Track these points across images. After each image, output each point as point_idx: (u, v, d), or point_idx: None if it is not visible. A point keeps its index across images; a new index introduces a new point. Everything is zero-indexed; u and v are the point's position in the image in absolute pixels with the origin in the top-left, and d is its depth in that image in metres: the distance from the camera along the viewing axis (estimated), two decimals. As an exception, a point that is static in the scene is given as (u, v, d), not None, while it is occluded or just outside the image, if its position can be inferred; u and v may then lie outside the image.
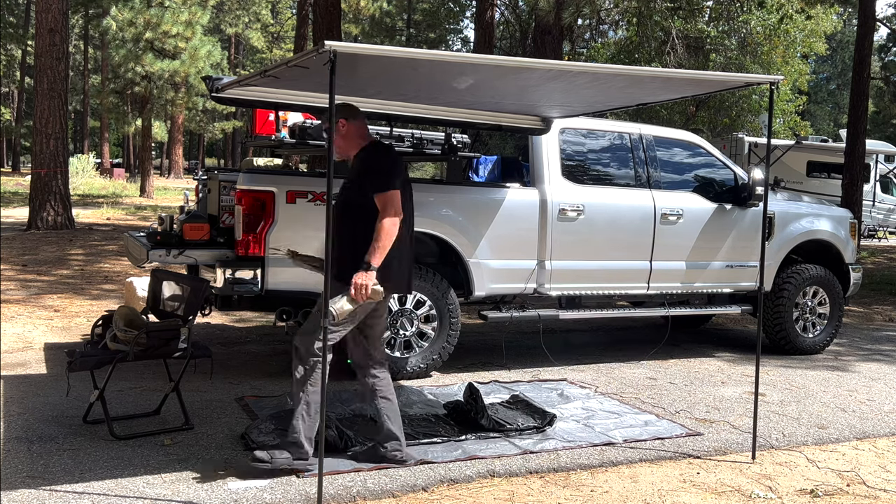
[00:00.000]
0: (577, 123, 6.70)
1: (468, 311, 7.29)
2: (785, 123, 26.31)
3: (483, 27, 18.63)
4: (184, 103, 29.96)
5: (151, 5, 26.50)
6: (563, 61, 7.31)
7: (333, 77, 3.48)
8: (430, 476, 4.15)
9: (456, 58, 4.41)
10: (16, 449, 4.28)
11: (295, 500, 3.80)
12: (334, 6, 13.92)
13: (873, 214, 22.60)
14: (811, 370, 7.06)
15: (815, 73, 54.69)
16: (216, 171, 6.36)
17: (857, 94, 15.73)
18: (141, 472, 4.03)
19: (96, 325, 4.78)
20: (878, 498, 4.20)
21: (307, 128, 6.10)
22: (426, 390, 5.77)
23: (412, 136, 6.45)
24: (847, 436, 5.24)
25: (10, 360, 6.23)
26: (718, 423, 5.32)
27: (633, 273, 6.78)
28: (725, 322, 9.54)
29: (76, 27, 46.08)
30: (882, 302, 11.95)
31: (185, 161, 49.22)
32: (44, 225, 15.06)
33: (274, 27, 57.21)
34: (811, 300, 7.72)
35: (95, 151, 49.21)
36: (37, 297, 8.88)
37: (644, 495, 4.08)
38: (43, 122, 15.12)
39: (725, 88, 6.18)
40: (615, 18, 22.97)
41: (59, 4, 15.17)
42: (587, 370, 6.69)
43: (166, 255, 5.37)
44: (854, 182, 15.33)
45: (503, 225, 6.23)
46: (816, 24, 24.63)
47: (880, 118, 43.24)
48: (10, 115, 54.53)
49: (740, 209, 7.20)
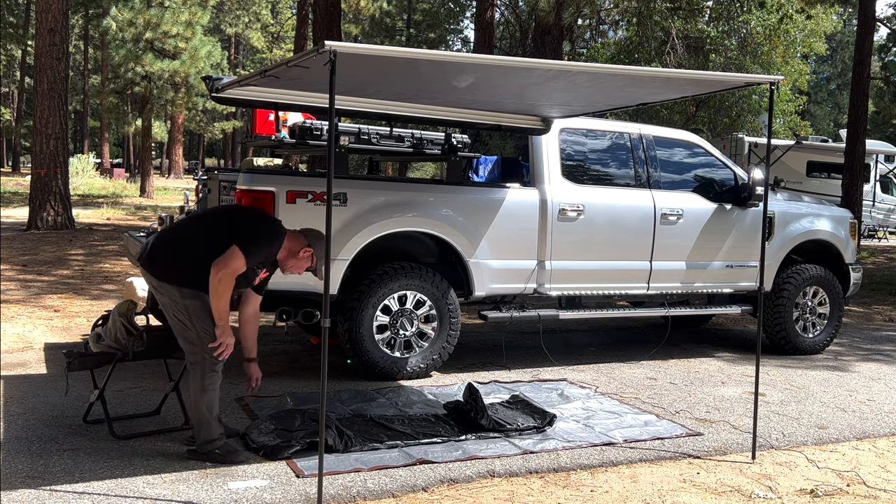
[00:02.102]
0: (576, 123, 6.70)
1: (468, 311, 7.29)
2: (785, 123, 26.30)
3: (483, 27, 18.64)
4: (184, 103, 29.95)
5: (151, 5, 26.49)
6: (563, 61, 7.31)
7: (333, 77, 3.48)
8: (430, 476, 4.15)
9: (456, 58, 4.42)
10: (16, 449, 4.28)
11: (295, 500, 3.80)
12: (334, 6, 13.94)
13: (873, 214, 22.59)
14: (811, 370, 7.06)
15: (815, 73, 54.72)
16: (216, 171, 6.36)
17: (857, 94, 15.74)
18: (141, 472, 4.03)
19: (96, 325, 4.78)
20: (878, 498, 4.20)
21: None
22: (426, 390, 5.77)
23: (412, 136, 6.45)
24: (847, 436, 5.24)
25: (10, 360, 6.23)
26: (718, 423, 5.32)
27: (633, 273, 6.78)
28: (725, 322, 9.54)
29: (76, 27, 46.10)
30: (882, 302, 11.95)
31: (185, 161, 49.22)
32: (44, 225, 15.06)
33: (274, 27, 57.19)
34: (811, 300, 7.72)
35: (95, 151, 49.21)
36: (37, 297, 8.88)
37: (644, 495, 4.08)
38: (43, 122, 15.12)
39: (725, 88, 6.18)
40: (615, 18, 22.98)
41: (59, 4, 15.16)
42: (587, 370, 6.69)
43: (166, 255, 5.36)
44: (854, 182, 15.33)
45: (503, 225, 6.23)
46: (816, 24, 24.61)
47: (880, 118, 43.19)
48: (10, 115, 54.52)
49: (740, 209, 7.20)
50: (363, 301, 5.81)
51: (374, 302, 5.85)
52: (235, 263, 4.03)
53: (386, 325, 5.95)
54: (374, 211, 5.78)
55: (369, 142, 6.27)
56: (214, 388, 4.18)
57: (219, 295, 4.01)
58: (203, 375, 4.14)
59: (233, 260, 4.02)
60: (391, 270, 5.91)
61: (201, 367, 4.15)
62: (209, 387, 4.16)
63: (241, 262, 4.04)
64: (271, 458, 4.24)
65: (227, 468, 4.11)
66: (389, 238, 5.88)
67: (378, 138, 6.28)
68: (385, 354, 5.94)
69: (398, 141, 6.36)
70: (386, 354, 5.94)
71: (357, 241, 5.71)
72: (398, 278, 5.91)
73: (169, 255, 4.20)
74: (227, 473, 4.05)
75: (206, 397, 4.17)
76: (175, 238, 4.37)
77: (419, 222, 5.95)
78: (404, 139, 6.41)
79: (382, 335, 5.94)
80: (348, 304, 5.80)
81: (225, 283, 4.01)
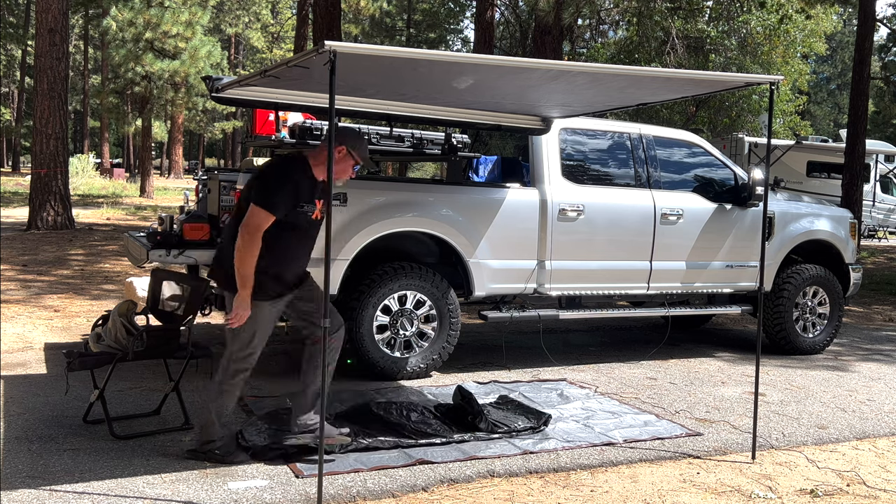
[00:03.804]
0: (576, 123, 6.70)
1: (468, 311, 7.29)
2: (785, 123, 26.29)
3: (483, 27, 18.64)
4: (184, 103, 29.93)
5: (151, 5, 26.47)
6: (563, 61, 7.31)
7: (333, 77, 3.48)
8: (430, 476, 4.15)
9: (456, 58, 4.41)
10: (16, 449, 4.28)
11: (295, 500, 3.80)
12: (334, 6, 13.94)
13: (873, 214, 22.59)
14: (811, 370, 7.06)
15: (815, 73, 54.69)
16: (216, 171, 6.35)
17: (857, 94, 15.73)
18: (141, 472, 4.03)
19: (96, 325, 4.78)
20: (878, 498, 4.20)
21: None
22: (426, 390, 5.77)
23: (412, 136, 6.45)
24: (847, 436, 5.24)
25: (10, 360, 6.23)
26: (718, 423, 5.32)
27: (633, 273, 6.78)
28: (725, 322, 9.54)
29: (76, 27, 46.08)
30: (882, 302, 11.95)
31: (185, 161, 49.24)
32: (44, 225, 15.06)
33: (274, 27, 57.18)
34: (811, 300, 7.72)
35: (95, 151, 49.21)
36: (37, 297, 8.88)
37: (644, 495, 4.08)
38: (43, 122, 15.12)
39: (725, 88, 6.18)
40: (615, 18, 22.96)
41: (59, 4, 15.16)
42: (587, 370, 6.69)
43: (166, 255, 5.38)
44: (854, 182, 15.33)
45: (503, 225, 6.23)
46: (816, 24, 24.59)
47: (880, 118, 43.23)
48: (10, 115, 54.54)
49: (740, 209, 7.20)
50: (363, 301, 5.82)
51: (374, 302, 5.85)
52: (254, 220, 3.95)
53: (386, 325, 5.95)
54: (374, 211, 5.78)
55: (369, 142, 6.27)
56: (232, 393, 4.18)
57: (241, 257, 3.94)
58: (224, 377, 4.14)
59: (251, 217, 3.95)
60: (391, 270, 5.91)
61: (224, 368, 4.14)
62: (227, 390, 4.15)
63: (262, 215, 3.96)
64: (260, 457, 4.24)
65: (227, 468, 4.11)
66: (389, 238, 5.88)
67: (378, 138, 6.28)
68: (385, 354, 5.94)
69: (398, 141, 6.36)
70: (386, 354, 5.95)
71: (357, 242, 5.71)
72: (398, 278, 5.91)
73: (227, 258, 4.12)
74: (227, 473, 4.05)
75: (222, 400, 4.16)
76: (226, 242, 4.26)
77: (419, 222, 5.95)
78: (404, 139, 6.41)
79: (382, 335, 5.94)
80: (348, 304, 5.80)
81: (247, 243, 3.92)
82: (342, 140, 4.16)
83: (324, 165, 4.10)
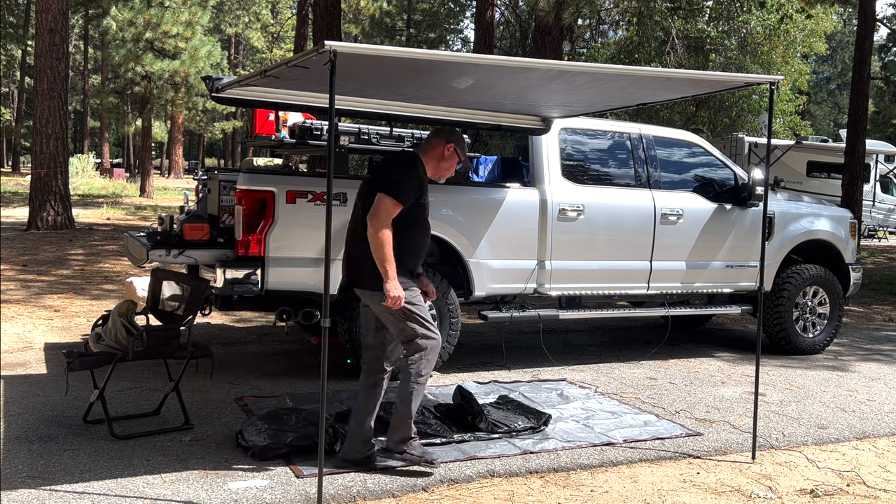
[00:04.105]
0: (576, 123, 6.70)
1: (468, 311, 7.29)
2: (785, 123, 26.27)
3: (483, 27, 18.63)
4: (184, 103, 29.93)
5: (151, 5, 26.48)
6: (563, 61, 7.31)
7: (333, 77, 3.48)
8: (430, 476, 4.15)
9: (456, 58, 4.41)
10: (16, 449, 4.28)
11: (295, 500, 3.80)
12: (334, 6, 13.93)
13: (873, 214, 22.59)
14: (811, 370, 7.06)
15: (815, 73, 54.70)
16: (216, 171, 6.36)
17: (857, 94, 15.73)
18: (141, 472, 4.03)
19: (96, 325, 4.78)
20: (878, 498, 4.20)
21: None
22: (426, 390, 5.76)
23: (412, 136, 6.45)
24: (847, 436, 5.24)
25: (10, 360, 6.23)
26: (718, 423, 5.32)
27: (633, 273, 6.78)
28: (725, 322, 9.54)
29: (76, 27, 46.10)
30: (882, 302, 11.95)
31: (185, 161, 49.23)
32: (44, 225, 15.06)
33: (274, 27, 57.18)
34: (811, 300, 7.73)
35: (95, 151, 49.22)
36: (37, 297, 8.88)
37: (644, 495, 4.08)
38: (43, 122, 15.12)
39: (725, 88, 6.18)
40: (615, 18, 22.95)
41: (59, 4, 15.16)
42: (587, 370, 6.69)
43: (166, 255, 5.38)
44: (854, 182, 15.33)
45: (503, 225, 6.23)
46: (816, 24, 24.57)
47: (880, 118, 43.23)
48: (10, 115, 54.53)
49: (740, 209, 7.20)
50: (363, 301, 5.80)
51: (374, 302, 5.84)
52: (384, 206, 3.98)
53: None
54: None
55: (369, 142, 6.27)
56: (425, 380, 4.17)
57: (379, 245, 3.95)
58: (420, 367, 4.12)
59: (380, 205, 3.98)
60: (391, 270, 5.90)
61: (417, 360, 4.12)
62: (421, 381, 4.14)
63: (391, 203, 3.99)
64: (259, 458, 4.24)
65: (226, 469, 4.11)
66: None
67: (378, 138, 6.28)
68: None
69: (398, 141, 6.36)
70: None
71: (357, 241, 5.70)
72: (398, 278, 5.89)
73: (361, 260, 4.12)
74: (227, 473, 4.05)
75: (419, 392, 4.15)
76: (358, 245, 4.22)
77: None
78: (404, 139, 6.41)
79: (382, 335, 5.93)
80: (348, 304, 5.80)
81: (381, 232, 3.94)
82: (450, 139, 4.33)
83: (434, 162, 4.29)
